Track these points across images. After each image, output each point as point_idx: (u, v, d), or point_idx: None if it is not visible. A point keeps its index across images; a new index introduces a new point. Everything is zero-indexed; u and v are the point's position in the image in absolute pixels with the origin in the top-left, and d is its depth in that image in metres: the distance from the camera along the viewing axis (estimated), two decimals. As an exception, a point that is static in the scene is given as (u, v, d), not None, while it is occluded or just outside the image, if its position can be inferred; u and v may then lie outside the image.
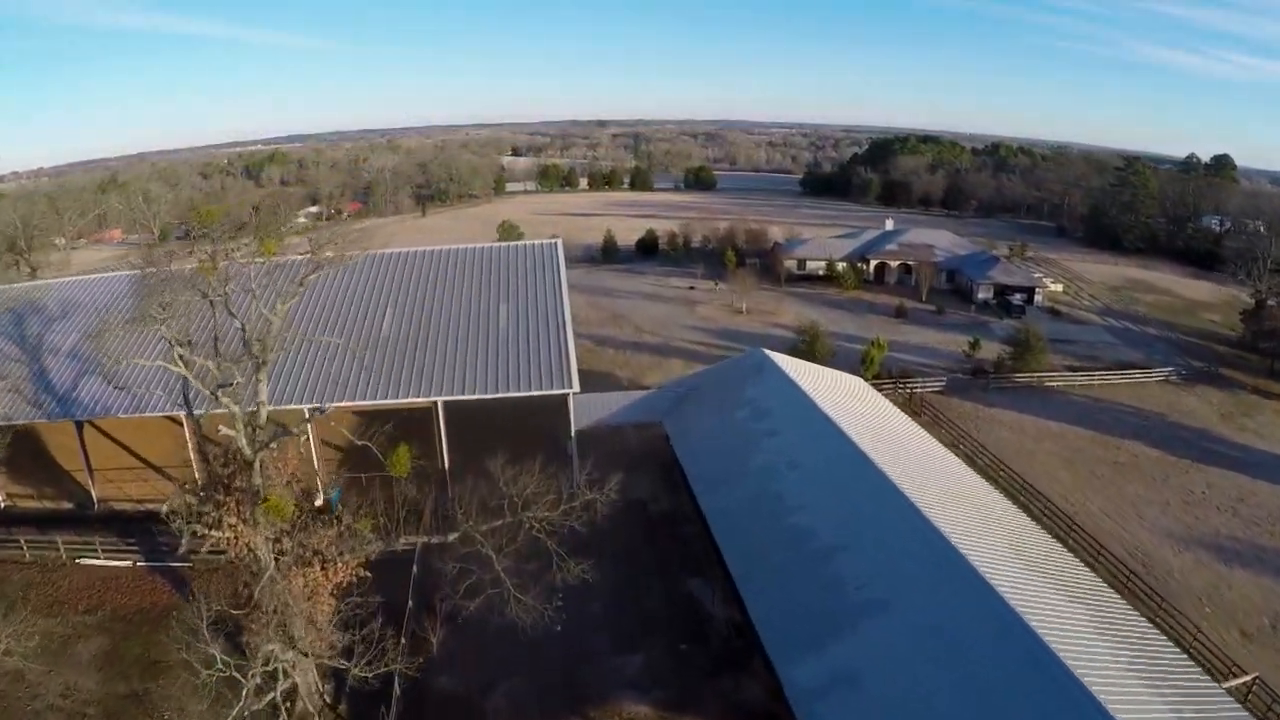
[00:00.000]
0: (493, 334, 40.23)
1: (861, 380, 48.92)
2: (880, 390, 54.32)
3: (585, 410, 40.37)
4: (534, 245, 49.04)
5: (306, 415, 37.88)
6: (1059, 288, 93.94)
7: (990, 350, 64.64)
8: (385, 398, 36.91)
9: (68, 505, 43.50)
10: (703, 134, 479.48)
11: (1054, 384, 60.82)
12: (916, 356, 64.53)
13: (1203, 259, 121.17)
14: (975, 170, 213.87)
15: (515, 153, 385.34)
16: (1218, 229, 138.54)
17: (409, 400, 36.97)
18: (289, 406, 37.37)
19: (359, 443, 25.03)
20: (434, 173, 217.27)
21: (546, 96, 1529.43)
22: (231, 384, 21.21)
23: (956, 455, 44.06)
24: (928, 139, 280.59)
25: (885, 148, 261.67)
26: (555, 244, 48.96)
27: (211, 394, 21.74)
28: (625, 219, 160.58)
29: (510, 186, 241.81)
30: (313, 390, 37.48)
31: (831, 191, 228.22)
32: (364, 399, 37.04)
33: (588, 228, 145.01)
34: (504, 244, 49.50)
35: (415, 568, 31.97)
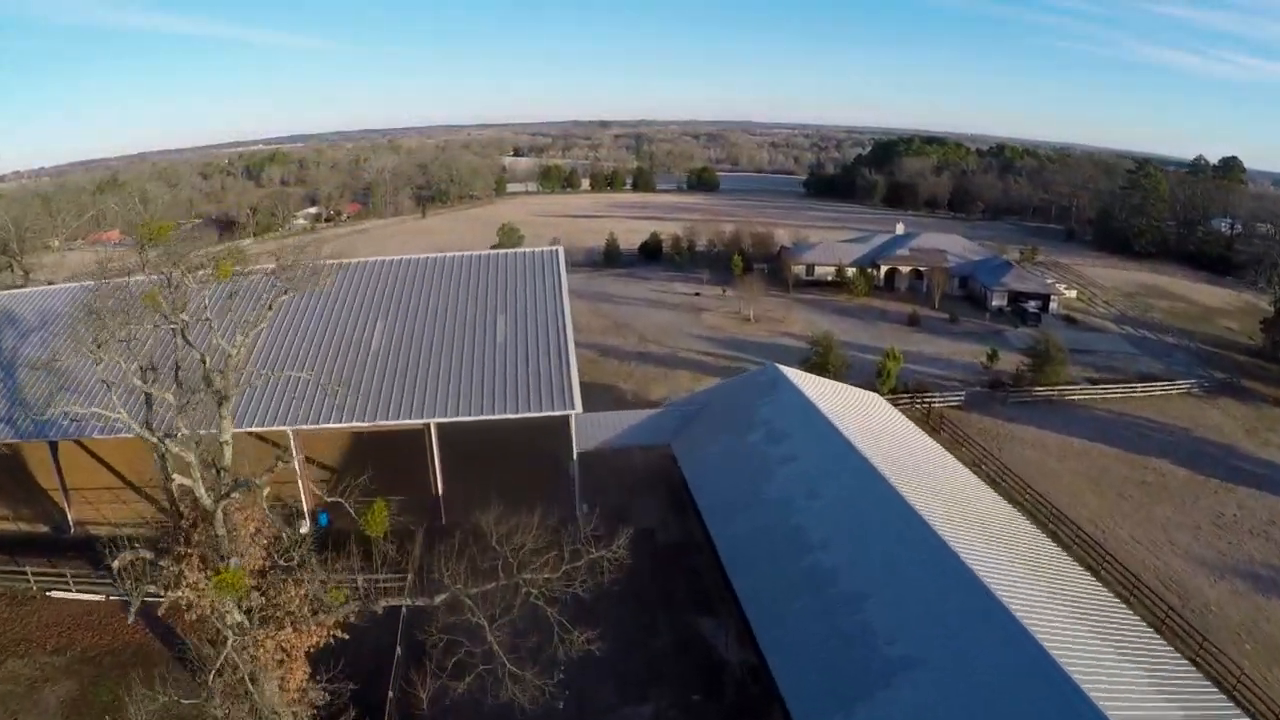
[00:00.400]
0: (489, 349, 37.91)
1: (879, 397, 46.66)
2: (897, 405, 52.09)
3: (588, 431, 38.14)
4: (534, 253, 46.73)
5: (288, 439, 35.76)
6: (1073, 294, 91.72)
7: (1008, 361, 62.41)
8: (374, 419, 34.62)
9: (43, 528, 41.41)
10: (704, 134, 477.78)
11: (1074, 397, 58.62)
12: (931, 368, 62.26)
13: (1214, 263, 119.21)
14: (981, 172, 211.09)
15: (517, 153, 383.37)
16: (1227, 232, 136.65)
17: (400, 423, 34.68)
18: (271, 428, 35.22)
19: (329, 499, 22.57)
20: (434, 173, 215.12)
21: (548, 96, 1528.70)
22: (177, 434, 18.89)
23: (979, 477, 41.97)
24: (932, 140, 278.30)
25: (889, 149, 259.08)
26: (556, 251, 46.69)
27: (159, 442, 19.41)
28: (628, 221, 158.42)
29: (511, 187, 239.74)
30: (296, 411, 35.25)
31: (836, 193, 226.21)
32: (352, 420, 34.78)
33: (589, 230, 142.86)
34: (502, 251, 47.26)
35: (404, 610, 29.68)
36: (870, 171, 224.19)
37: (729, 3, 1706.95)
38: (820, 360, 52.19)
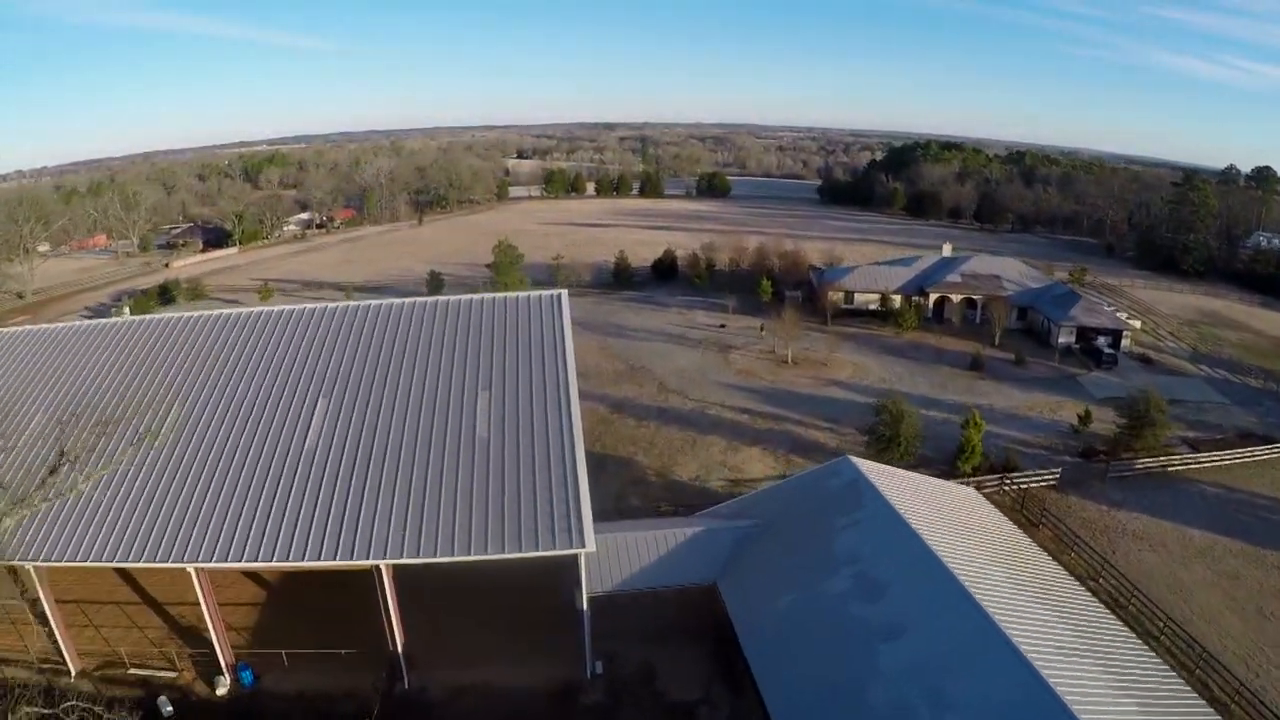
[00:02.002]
0: (466, 449, 27.69)
1: (975, 494, 36.53)
2: (983, 488, 42.15)
3: (602, 562, 27.61)
4: (529, 298, 36.37)
5: (193, 574, 25.83)
6: (1136, 324, 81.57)
7: (1081, 412, 53.08)
8: (304, 558, 24.49)
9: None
10: (711, 137, 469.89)
11: (1176, 468, 48.85)
12: (1008, 428, 51.90)
13: (1265, 284, 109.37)
14: (1006, 181, 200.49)
15: (520, 155, 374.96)
16: (1266, 246, 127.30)
17: (339, 564, 24.59)
18: (166, 564, 25.29)
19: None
20: (433, 177, 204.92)
21: (552, 98, 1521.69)
22: None
23: (1100, 596, 32.65)
24: (949, 145, 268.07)
25: (905, 154, 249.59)
26: (558, 297, 36.53)
27: None
28: (637, 231, 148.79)
29: (514, 192, 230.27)
30: (198, 542, 25.23)
31: (852, 200, 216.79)
32: (272, 559, 24.68)
33: (597, 241, 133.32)
34: (489, 296, 36.87)
35: None
36: (887, 178, 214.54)
37: (730, 4, 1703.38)
38: (889, 431, 41.97)
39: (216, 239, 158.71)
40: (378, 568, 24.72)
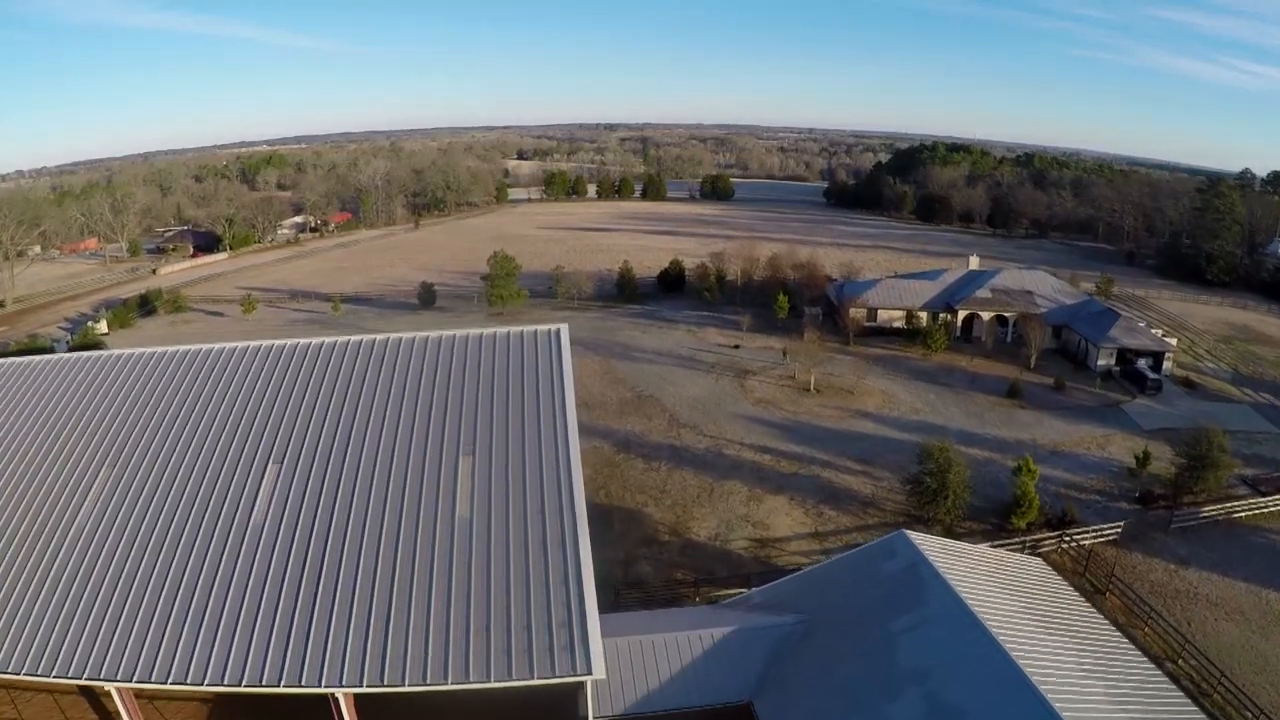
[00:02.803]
0: (443, 534, 22.54)
1: (1047, 569, 31.45)
2: (1041, 549, 37.21)
3: (610, 673, 22.24)
4: (523, 336, 31.26)
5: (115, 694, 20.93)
6: (1173, 341, 76.60)
7: (1131, 447, 48.68)
8: (243, 680, 19.62)
9: None
10: (712, 138, 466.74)
11: (1241, 514, 44.07)
12: (1054, 468, 46.69)
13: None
14: (1018, 184, 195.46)
15: (521, 156, 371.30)
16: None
17: (283, 689, 19.69)
18: (84, 680, 20.41)
19: None
20: (431, 179, 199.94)
21: (553, 99, 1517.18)
22: None
23: (1178, 680, 28.31)
24: (957, 147, 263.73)
25: (912, 156, 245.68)
26: (557, 334, 31.54)
27: None
28: (640, 236, 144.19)
29: (514, 194, 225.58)
30: (119, 653, 20.29)
31: (860, 204, 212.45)
32: (204, 680, 19.75)
33: (599, 247, 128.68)
34: (476, 332, 31.86)
35: None
36: (895, 181, 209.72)
37: (731, 4, 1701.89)
38: (936, 482, 36.98)
39: (208, 243, 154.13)
40: (333, 696, 19.79)
